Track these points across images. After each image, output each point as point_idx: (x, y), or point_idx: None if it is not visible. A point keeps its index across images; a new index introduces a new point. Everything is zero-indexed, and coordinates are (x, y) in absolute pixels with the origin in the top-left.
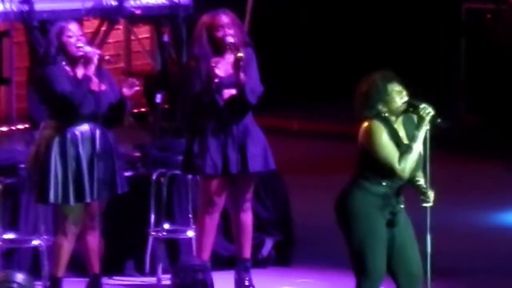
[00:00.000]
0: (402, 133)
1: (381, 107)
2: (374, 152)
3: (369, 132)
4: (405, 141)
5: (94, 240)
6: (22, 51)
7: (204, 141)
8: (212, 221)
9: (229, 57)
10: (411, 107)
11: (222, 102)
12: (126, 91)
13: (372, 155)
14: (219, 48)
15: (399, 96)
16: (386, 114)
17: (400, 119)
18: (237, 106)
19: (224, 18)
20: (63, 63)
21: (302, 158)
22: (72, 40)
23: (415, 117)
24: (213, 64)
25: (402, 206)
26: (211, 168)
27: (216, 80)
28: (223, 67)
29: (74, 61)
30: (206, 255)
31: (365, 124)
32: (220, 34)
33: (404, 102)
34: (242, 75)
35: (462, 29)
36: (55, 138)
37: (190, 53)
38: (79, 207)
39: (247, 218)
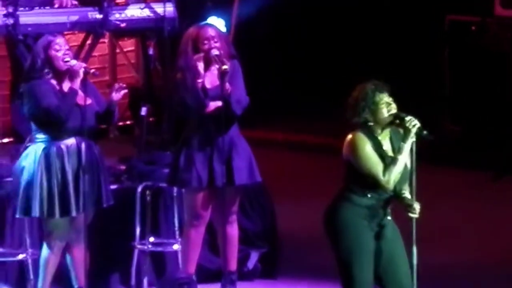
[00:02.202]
0: (387, 146)
1: (368, 116)
2: (358, 164)
3: (353, 144)
4: (390, 154)
5: (80, 254)
6: (5, 64)
7: (190, 154)
8: (198, 234)
9: (215, 70)
10: (397, 119)
11: (208, 103)
12: (114, 95)
13: (356, 167)
14: (204, 60)
15: (387, 108)
16: (372, 124)
17: (387, 132)
18: (223, 118)
19: (210, 31)
20: (49, 76)
21: (287, 170)
22: (59, 54)
23: (401, 131)
24: (197, 63)
25: (390, 218)
26: (197, 181)
27: (199, 81)
28: (209, 80)
29: (60, 75)
30: (192, 268)
31: (349, 136)
32: (205, 46)
33: (390, 114)
34: (227, 87)
35: (446, 40)
36: (41, 151)
37: (175, 65)
38: (64, 221)
39: (233, 230)
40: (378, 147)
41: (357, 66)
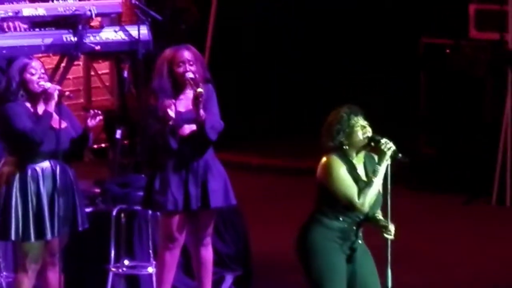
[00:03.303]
0: (361, 170)
1: (343, 139)
2: (332, 187)
3: (327, 167)
4: (363, 178)
5: (54, 277)
6: None
7: (165, 177)
8: (173, 257)
9: (189, 93)
10: (372, 142)
11: (175, 144)
12: (89, 121)
13: (330, 190)
14: (179, 83)
15: (362, 131)
16: (347, 147)
17: (362, 156)
18: (197, 142)
19: (186, 54)
20: (24, 99)
21: (261, 193)
22: (34, 78)
23: (375, 157)
24: (168, 106)
25: (361, 241)
26: (172, 204)
27: (170, 123)
28: (183, 103)
29: (35, 97)
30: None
31: (323, 159)
32: (181, 69)
33: (365, 137)
34: (202, 112)
35: (421, 63)
36: (15, 174)
37: (149, 87)
38: (39, 243)
39: (208, 253)
40: (352, 170)
41: (332, 90)
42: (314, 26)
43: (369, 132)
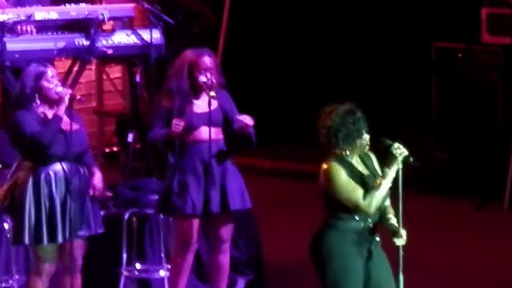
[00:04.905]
0: (360, 167)
1: (345, 146)
2: (336, 194)
3: (328, 175)
4: (366, 173)
5: (76, 283)
6: None
7: (183, 181)
8: (187, 262)
9: (206, 96)
10: (383, 146)
11: (173, 160)
12: None
13: (334, 196)
14: (197, 87)
15: (363, 136)
16: (348, 152)
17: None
18: (240, 145)
19: (209, 62)
20: (37, 104)
21: (273, 196)
22: (52, 85)
23: (369, 153)
24: (177, 123)
25: (378, 243)
26: (191, 208)
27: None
28: (200, 105)
29: (50, 103)
30: None
31: (323, 166)
32: (202, 76)
33: (366, 143)
34: (243, 122)
35: (433, 67)
36: (29, 178)
37: (164, 88)
38: (53, 247)
39: (225, 259)
40: (354, 172)
41: (344, 94)
42: (326, 30)
43: (368, 139)
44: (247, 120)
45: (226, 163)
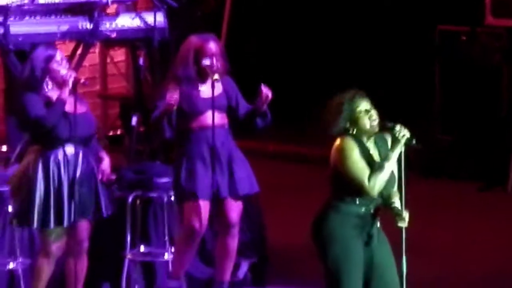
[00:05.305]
0: (373, 151)
1: (348, 126)
2: (344, 168)
3: (340, 149)
4: (377, 159)
5: (81, 265)
6: None
7: (191, 167)
8: (194, 246)
9: (209, 80)
10: (385, 128)
11: (170, 133)
12: None
13: (342, 171)
14: (203, 72)
15: (366, 116)
16: (354, 133)
17: (372, 138)
18: (258, 122)
19: (214, 47)
20: (48, 85)
21: (277, 179)
22: (61, 67)
23: (386, 136)
24: (172, 96)
25: (378, 228)
26: (201, 193)
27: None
28: (206, 90)
29: (57, 86)
30: (182, 272)
31: (337, 141)
32: (208, 62)
33: (377, 124)
34: (264, 105)
35: (436, 50)
36: (39, 161)
37: (170, 74)
38: (60, 229)
39: (234, 243)
40: (366, 153)
41: (348, 77)
42: (330, 14)
43: (374, 115)
44: (269, 92)
45: (231, 148)
